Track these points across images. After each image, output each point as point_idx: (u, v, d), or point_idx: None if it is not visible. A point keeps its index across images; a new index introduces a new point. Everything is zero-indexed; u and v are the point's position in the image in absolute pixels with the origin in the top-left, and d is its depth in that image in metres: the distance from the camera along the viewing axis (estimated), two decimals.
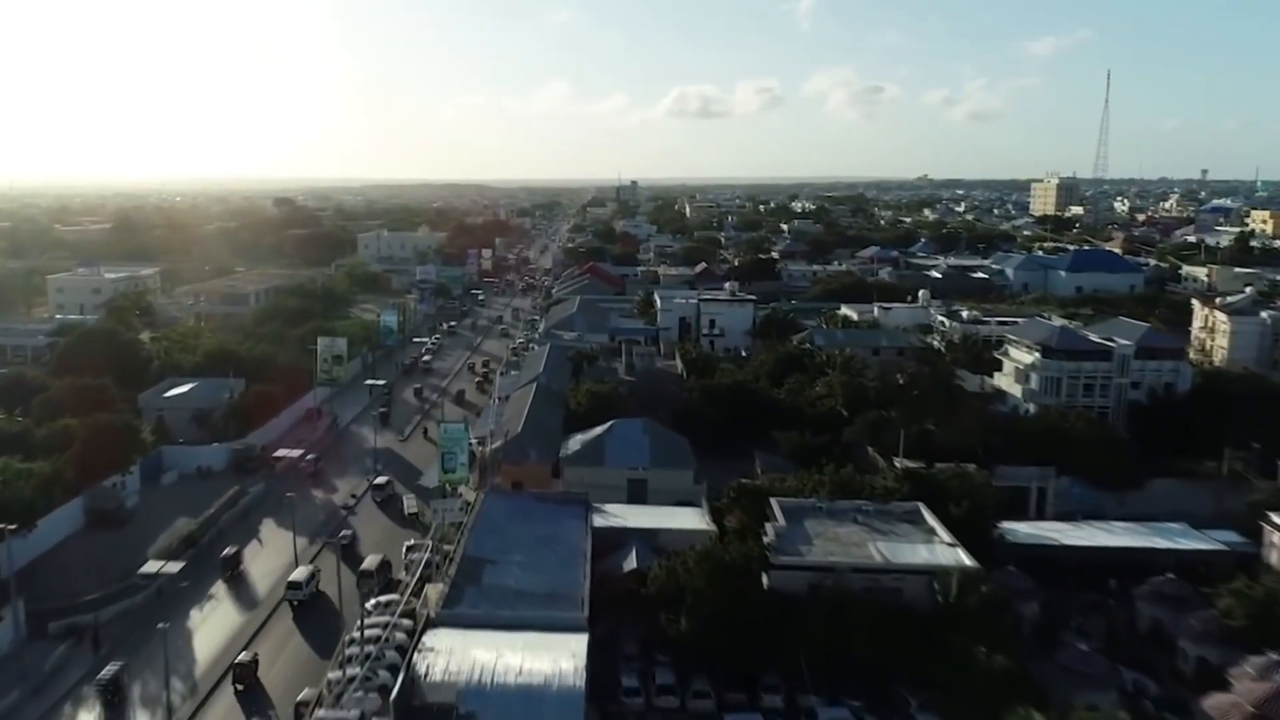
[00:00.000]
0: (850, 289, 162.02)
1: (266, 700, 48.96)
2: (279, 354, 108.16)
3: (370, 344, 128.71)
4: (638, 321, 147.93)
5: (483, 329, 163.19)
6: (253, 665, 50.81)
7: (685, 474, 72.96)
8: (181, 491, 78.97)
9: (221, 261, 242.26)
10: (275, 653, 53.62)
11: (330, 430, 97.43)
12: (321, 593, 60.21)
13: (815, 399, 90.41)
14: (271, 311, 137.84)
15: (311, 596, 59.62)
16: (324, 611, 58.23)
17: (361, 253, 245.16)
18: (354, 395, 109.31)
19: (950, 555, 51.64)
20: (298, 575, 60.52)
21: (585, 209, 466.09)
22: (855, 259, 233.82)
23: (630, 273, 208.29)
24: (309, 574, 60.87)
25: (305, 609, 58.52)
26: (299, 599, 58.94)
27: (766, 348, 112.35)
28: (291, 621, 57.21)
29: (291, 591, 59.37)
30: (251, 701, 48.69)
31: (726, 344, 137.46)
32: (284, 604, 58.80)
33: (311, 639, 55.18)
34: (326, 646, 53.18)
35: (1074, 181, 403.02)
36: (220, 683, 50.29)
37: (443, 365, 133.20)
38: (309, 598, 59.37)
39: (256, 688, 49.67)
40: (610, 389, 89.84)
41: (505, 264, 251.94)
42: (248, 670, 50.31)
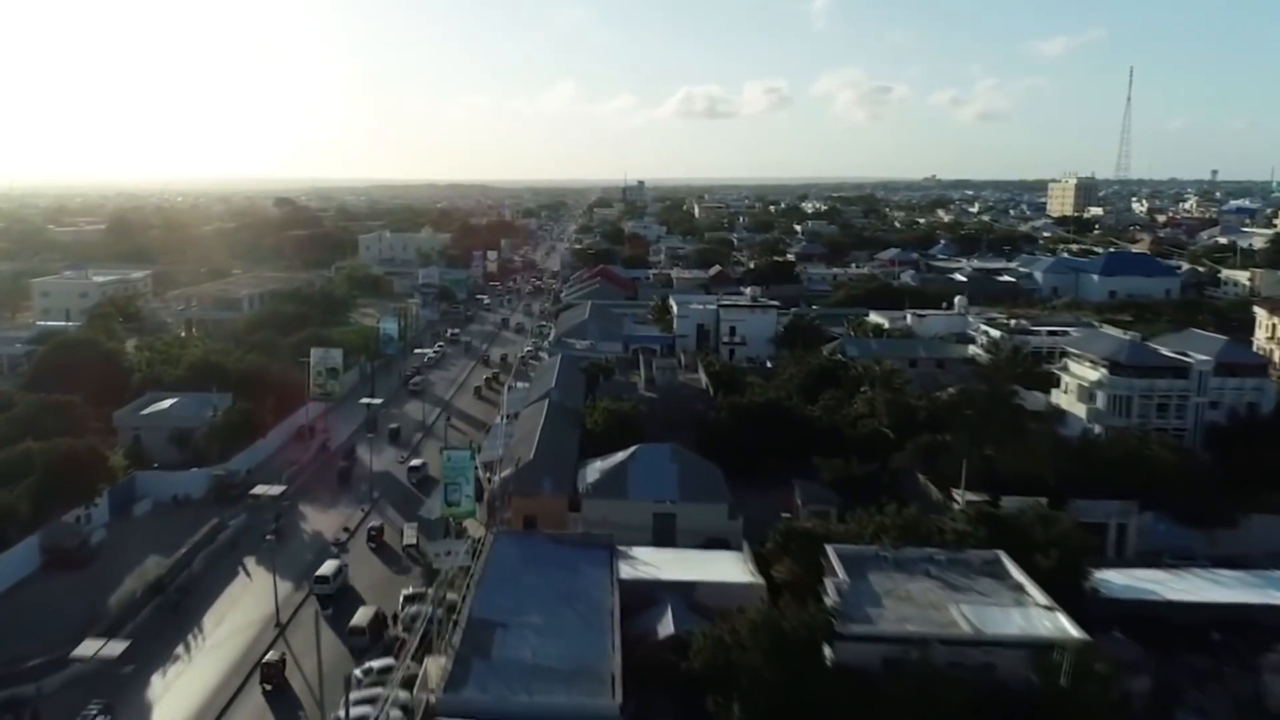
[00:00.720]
0: (875, 294, 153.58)
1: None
2: (270, 365, 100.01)
3: (369, 353, 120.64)
4: (653, 329, 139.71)
5: (489, 335, 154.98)
6: (280, 665, 49.94)
7: (718, 508, 64.74)
8: (155, 524, 70.91)
9: (219, 263, 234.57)
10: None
11: (322, 451, 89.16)
12: (349, 587, 60.96)
13: (855, 418, 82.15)
14: (265, 318, 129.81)
15: (340, 590, 59.81)
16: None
17: (363, 254, 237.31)
18: (350, 410, 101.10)
19: (1050, 623, 43.30)
20: (324, 570, 60.74)
21: (592, 209, 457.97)
22: (874, 261, 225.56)
23: (642, 276, 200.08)
24: (336, 568, 61.19)
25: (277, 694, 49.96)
26: (327, 592, 58.91)
27: (794, 359, 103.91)
28: (262, 699, 48.94)
29: (319, 586, 59.38)
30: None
31: (748, 353, 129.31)
32: (254, 681, 50.26)
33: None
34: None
35: (1092, 181, 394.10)
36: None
37: (447, 375, 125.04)
38: (336, 592, 59.39)
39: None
40: (630, 408, 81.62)
41: (511, 266, 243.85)
42: (275, 670, 49.58)
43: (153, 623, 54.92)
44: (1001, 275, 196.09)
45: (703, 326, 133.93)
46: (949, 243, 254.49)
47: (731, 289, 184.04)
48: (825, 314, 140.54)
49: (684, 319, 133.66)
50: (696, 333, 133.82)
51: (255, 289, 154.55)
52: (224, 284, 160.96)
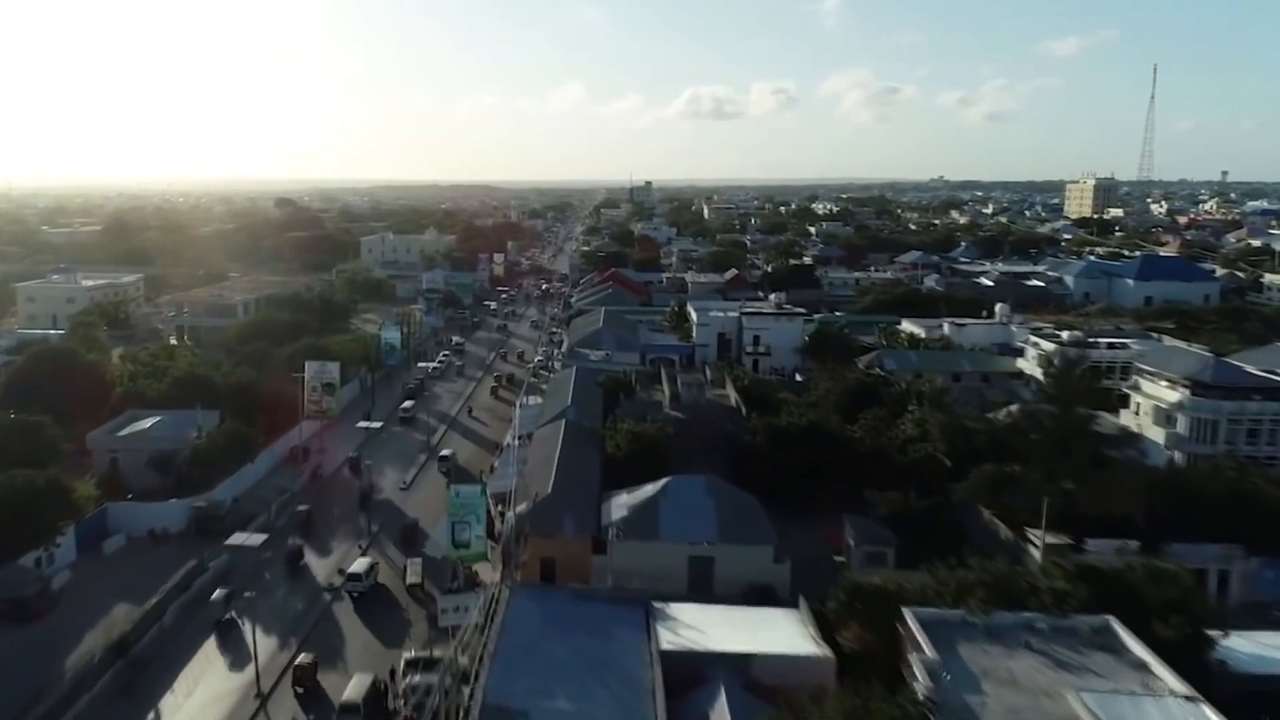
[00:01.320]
0: (903, 300, 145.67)
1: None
2: (261, 380, 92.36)
3: (369, 364, 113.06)
4: (671, 337, 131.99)
5: (496, 343, 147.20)
6: (312, 668, 48.96)
7: (762, 551, 57.06)
8: (128, 563, 63.32)
9: (216, 266, 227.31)
10: None
11: (314, 478, 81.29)
12: (382, 585, 60.64)
13: (904, 442, 74.33)
14: (260, 325, 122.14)
15: (371, 589, 59.51)
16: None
17: (364, 257, 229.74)
18: (348, 429, 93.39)
19: (1194, 718, 35.46)
20: (356, 567, 60.68)
21: (599, 210, 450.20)
22: (894, 264, 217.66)
23: (654, 280, 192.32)
24: (368, 566, 60.99)
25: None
26: (360, 590, 58.93)
27: (826, 372, 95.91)
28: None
29: (351, 583, 59.39)
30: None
31: (773, 363, 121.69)
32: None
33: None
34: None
35: (1111, 182, 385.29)
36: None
37: (453, 387, 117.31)
38: (369, 590, 59.22)
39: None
40: (656, 430, 73.83)
41: (518, 269, 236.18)
42: (307, 672, 48.62)
43: (111, 693, 47.16)
44: (1030, 279, 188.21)
45: (724, 335, 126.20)
46: (969, 245, 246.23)
47: (748, 293, 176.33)
48: (852, 321, 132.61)
49: (704, 328, 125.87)
50: (718, 342, 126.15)
51: (251, 294, 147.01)
52: (218, 289, 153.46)
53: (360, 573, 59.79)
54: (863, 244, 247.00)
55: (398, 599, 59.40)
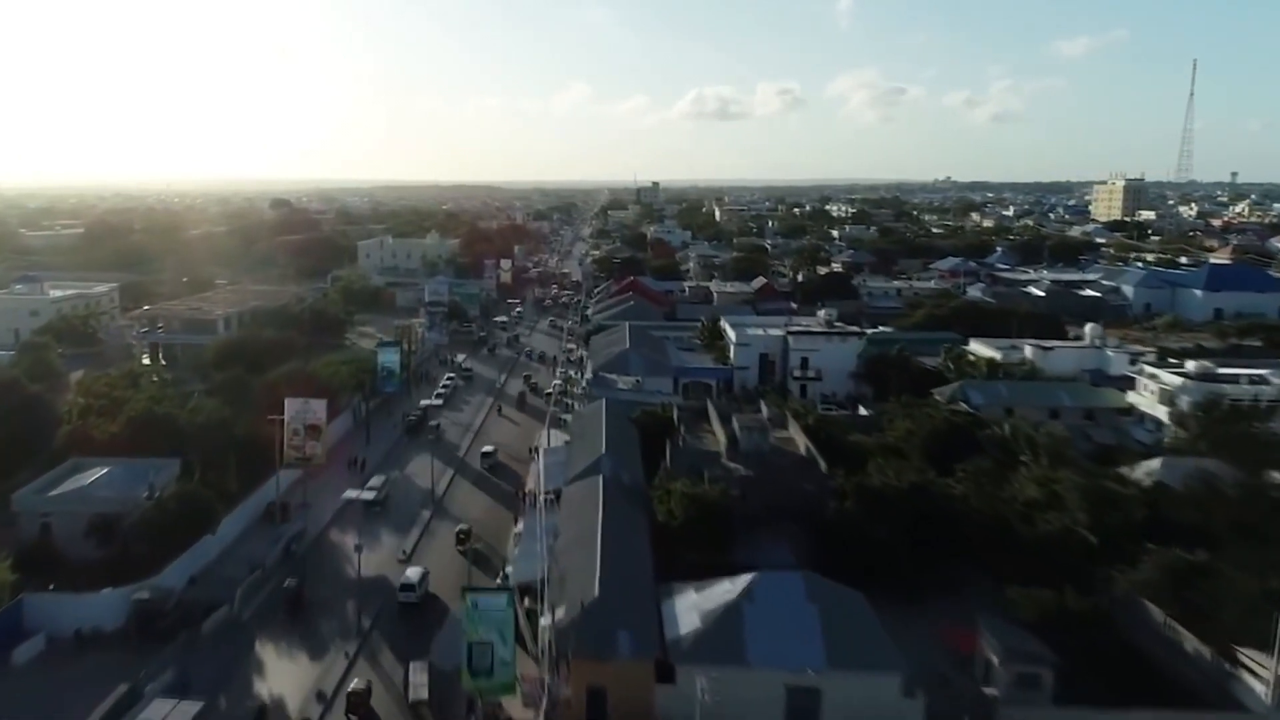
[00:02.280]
0: (960, 314, 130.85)
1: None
2: (235, 417, 77.67)
3: (364, 391, 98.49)
4: (704, 358, 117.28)
5: (507, 363, 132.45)
6: (366, 694, 46.53)
7: (887, 681, 42.41)
8: (43, 678, 48.63)
9: (203, 272, 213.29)
10: None
11: (289, 551, 66.21)
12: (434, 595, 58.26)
13: (1025, 506, 59.64)
14: (241, 345, 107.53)
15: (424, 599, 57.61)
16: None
17: (362, 262, 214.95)
18: (333, 477, 78.76)
19: None
20: (410, 575, 58.79)
21: (605, 211, 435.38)
22: (929, 271, 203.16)
23: (675, 289, 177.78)
24: (421, 574, 59.15)
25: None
26: (412, 601, 57.02)
27: (901, 407, 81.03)
28: None
29: (405, 593, 57.43)
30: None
31: (823, 389, 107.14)
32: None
33: None
34: None
35: (1141, 184, 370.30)
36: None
37: (460, 418, 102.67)
38: (421, 600, 57.47)
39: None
40: (718, 494, 59.16)
41: (526, 275, 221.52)
42: (361, 699, 46.10)
43: None
44: (1083, 289, 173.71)
45: (766, 357, 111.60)
46: (1005, 251, 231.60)
47: (779, 304, 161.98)
48: (906, 340, 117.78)
49: (744, 348, 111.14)
50: (760, 364, 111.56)
51: (234, 307, 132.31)
52: (199, 301, 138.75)
53: (414, 582, 58.05)
54: (891, 248, 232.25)
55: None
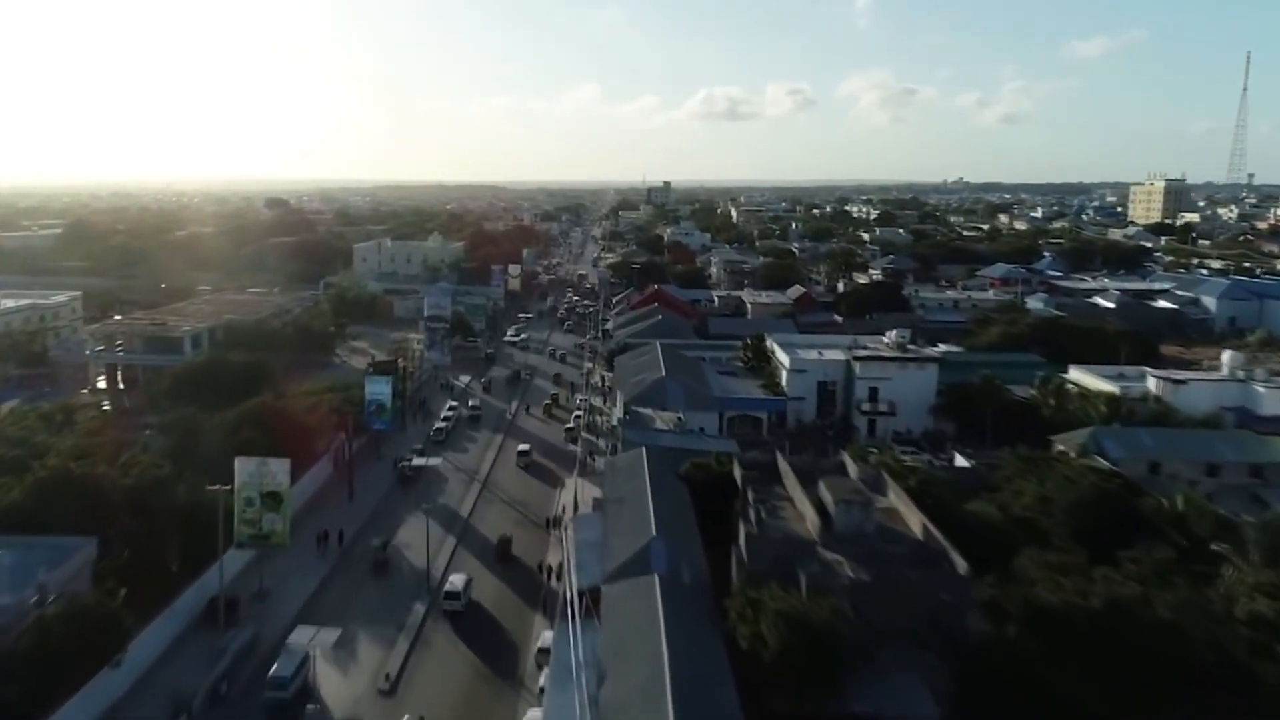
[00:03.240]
0: (1040, 332, 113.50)
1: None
2: (179, 474, 60.71)
3: (348, 430, 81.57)
4: (749, 384, 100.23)
5: (520, 385, 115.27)
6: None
7: None
8: None
9: (186, 277, 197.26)
10: None
11: (234, 678, 48.92)
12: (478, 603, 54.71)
13: (1250, 628, 42.59)
14: (206, 372, 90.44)
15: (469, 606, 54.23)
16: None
17: (358, 267, 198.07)
18: (301, 556, 61.77)
19: None
20: (455, 584, 56.01)
21: (616, 212, 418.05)
22: (975, 279, 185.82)
23: (703, 299, 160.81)
24: (465, 581, 56.39)
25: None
26: (457, 609, 54.12)
27: (1023, 465, 63.79)
28: None
29: (449, 601, 54.50)
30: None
31: (896, 425, 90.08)
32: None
33: None
34: None
35: (1182, 185, 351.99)
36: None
37: (464, 460, 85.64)
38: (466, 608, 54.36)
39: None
40: (827, 613, 42.02)
41: (536, 281, 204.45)
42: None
43: None
44: (1155, 300, 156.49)
45: (826, 385, 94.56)
46: (1054, 257, 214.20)
47: (820, 317, 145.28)
48: (981, 363, 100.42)
49: (799, 375, 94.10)
50: (817, 393, 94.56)
51: (206, 321, 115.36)
52: (167, 313, 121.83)
53: (458, 590, 55.55)
54: (929, 253, 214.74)
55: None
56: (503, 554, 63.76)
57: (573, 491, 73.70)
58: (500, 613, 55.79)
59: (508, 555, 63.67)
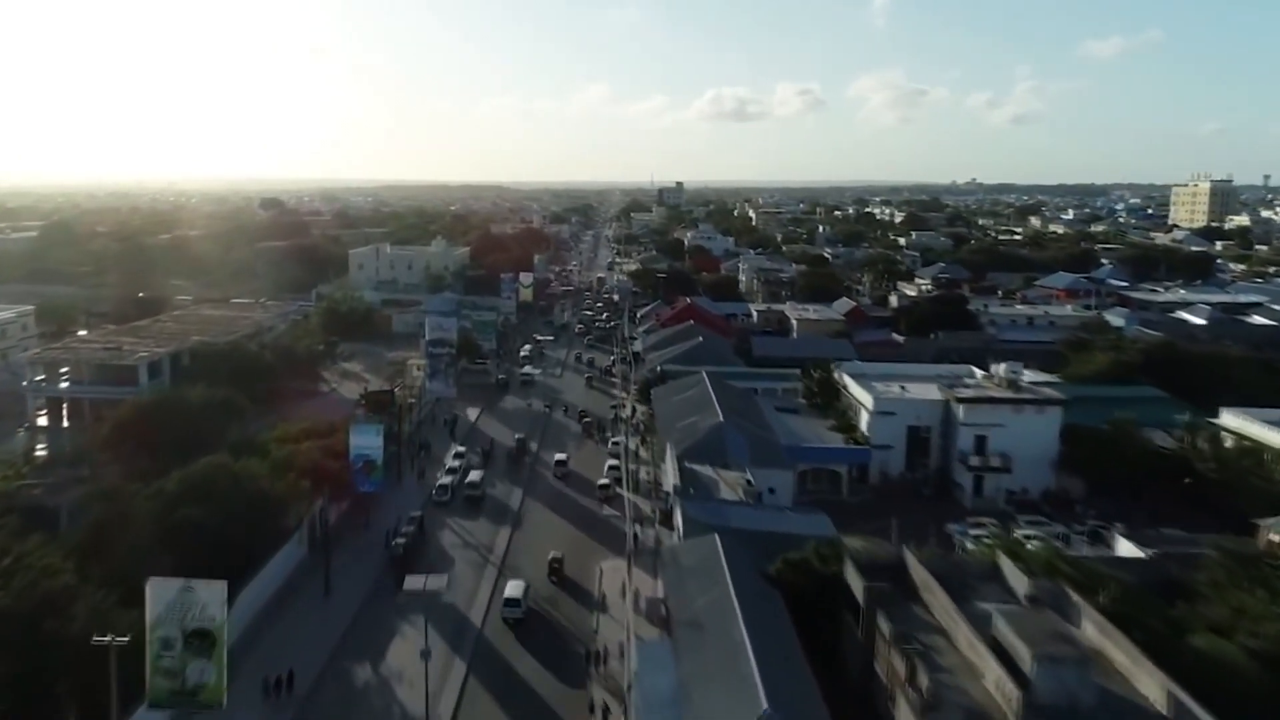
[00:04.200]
0: (1155, 359, 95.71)
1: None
2: (79, 586, 43.39)
3: (326, 496, 64.47)
4: (818, 425, 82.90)
5: (531, 422, 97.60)
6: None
7: None
8: None
9: (167, 286, 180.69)
10: None
11: None
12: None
13: None
14: (159, 413, 72.99)
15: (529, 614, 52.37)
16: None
17: (354, 275, 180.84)
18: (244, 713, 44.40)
19: None
20: (513, 591, 53.82)
21: (629, 214, 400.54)
22: (1036, 289, 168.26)
23: (738, 313, 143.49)
24: (524, 588, 54.08)
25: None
26: (517, 616, 52.58)
27: (1227, 563, 46.51)
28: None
29: (509, 609, 52.90)
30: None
31: (1011, 484, 72.69)
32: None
33: None
34: None
35: (1228, 186, 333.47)
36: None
37: (477, 534, 68.22)
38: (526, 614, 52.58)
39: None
40: None
41: (550, 291, 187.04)
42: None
43: None
44: (1248, 314, 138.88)
45: (918, 431, 77.10)
46: (1115, 264, 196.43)
47: (877, 335, 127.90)
48: (1094, 398, 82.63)
49: (884, 418, 76.73)
50: (906, 440, 77.17)
51: (170, 344, 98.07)
52: (127, 333, 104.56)
53: (518, 597, 53.04)
54: (976, 260, 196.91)
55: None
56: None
57: (618, 586, 56.36)
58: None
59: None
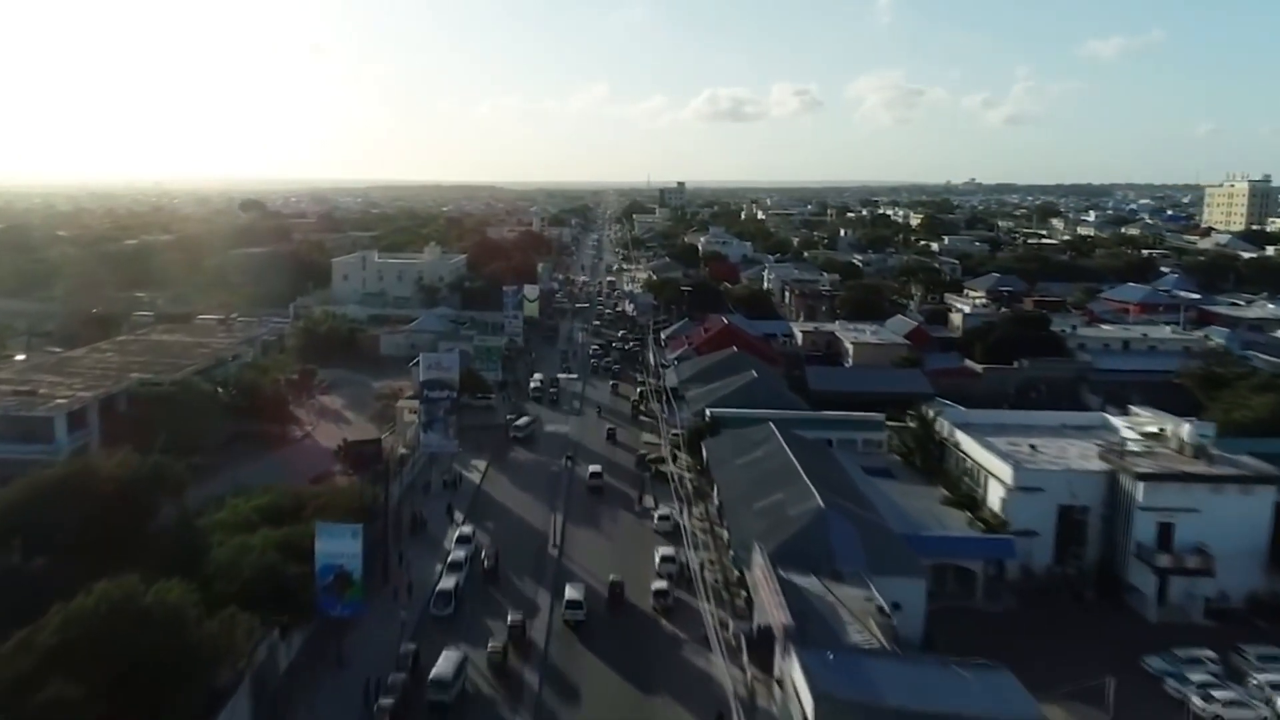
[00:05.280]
0: None
1: None
2: None
3: (282, 624, 45.72)
4: (924, 494, 64.35)
5: (547, 487, 78.44)
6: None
7: None
8: None
9: (128, 298, 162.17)
10: None
11: None
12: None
13: None
14: (57, 497, 53.86)
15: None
16: None
17: (337, 287, 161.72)
18: None
19: None
20: (574, 593, 52.11)
21: (631, 216, 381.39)
22: (1101, 302, 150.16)
23: (778, 332, 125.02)
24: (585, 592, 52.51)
25: None
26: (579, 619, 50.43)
27: None
28: None
29: (571, 611, 51.00)
30: None
31: (1207, 590, 54.08)
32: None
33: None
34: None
35: (1267, 186, 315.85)
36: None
37: None
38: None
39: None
40: None
41: (556, 303, 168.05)
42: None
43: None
44: None
45: (1070, 511, 58.54)
46: (1181, 274, 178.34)
47: (946, 362, 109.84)
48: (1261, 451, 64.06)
49: (1027, 495, 58.11)
50: (1057, 523, 58.61)
51: (103, 383, 78.96)
52: (49, 371, 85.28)
53: (579, 599, 51.08)
54: (1027, 269, 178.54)
55: None
56: None
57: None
58: None
59: None
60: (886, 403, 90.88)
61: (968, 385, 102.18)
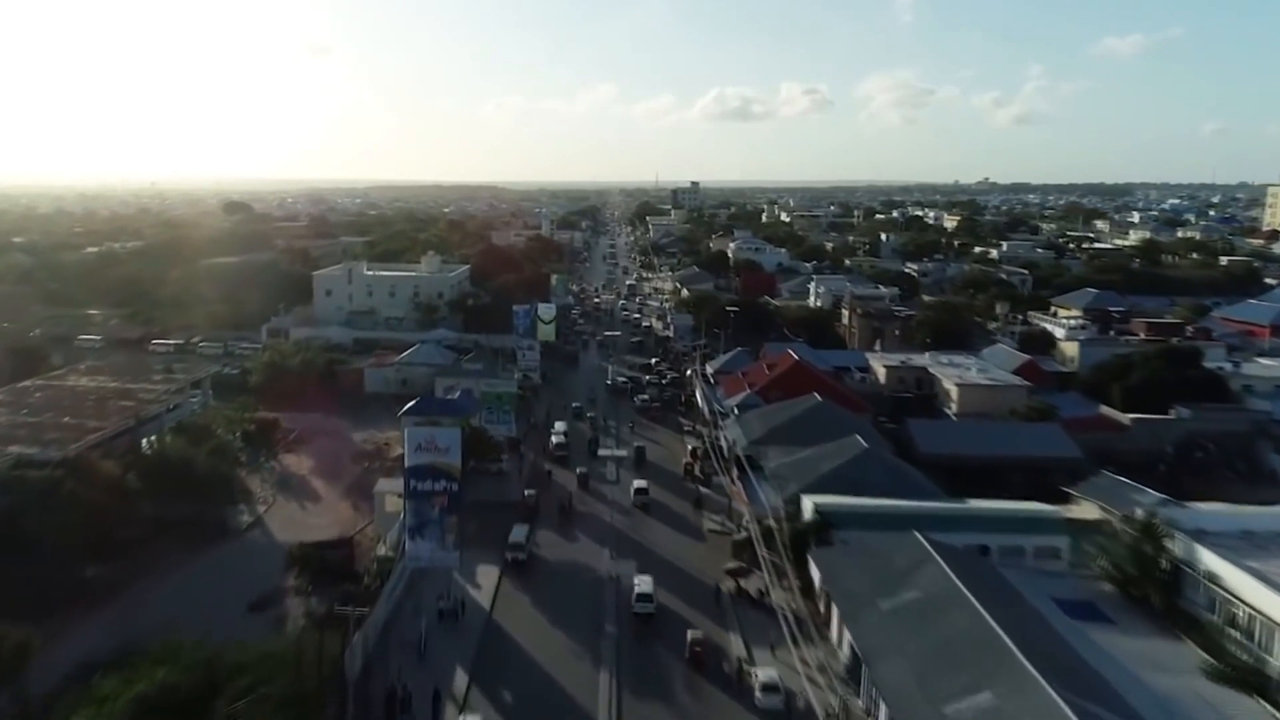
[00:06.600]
0: None
1: None
2: None
3: None
4: (1176, 657, 41.41)
5: (594, 601, 56.32)
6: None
7: None
8: None
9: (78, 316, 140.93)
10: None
11: None
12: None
13: None
14: None
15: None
16: None
17: (320, 304, 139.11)
18: None
19: None
20: (643, 586, 52.14)
21: (644, 218, 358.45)
22: (1212, 319, 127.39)
23: (851, 365, 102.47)
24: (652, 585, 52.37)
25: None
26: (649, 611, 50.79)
27: None
28: None
29: (641, 604, 51.10)
30: None
31: None
32: None
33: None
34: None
35: None
36: None
37: None
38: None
39: None
40: None
41: (573, 324, 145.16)
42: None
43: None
44: None
45: None
46: None
47: (1080, 410, 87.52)
48: None
49: None
50: None
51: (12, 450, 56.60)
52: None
53: (649, 593, 51.82)
54: (1113, 281, 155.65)
55: None
56: None
57: None
58: None
59: None
60: (1017, 470, 70.19)
61: (1112, 442, 79.81)
